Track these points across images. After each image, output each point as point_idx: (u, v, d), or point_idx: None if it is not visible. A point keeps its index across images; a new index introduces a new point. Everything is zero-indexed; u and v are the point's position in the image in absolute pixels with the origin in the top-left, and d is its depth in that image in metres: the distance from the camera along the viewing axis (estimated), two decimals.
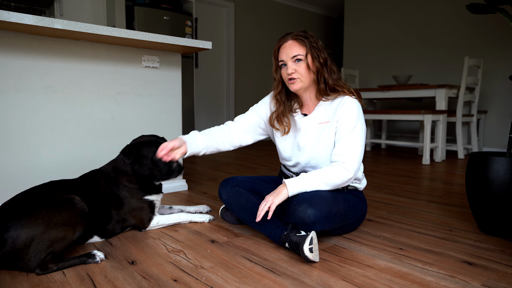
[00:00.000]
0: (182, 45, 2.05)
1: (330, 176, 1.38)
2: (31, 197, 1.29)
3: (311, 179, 1.38)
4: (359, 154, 1.40)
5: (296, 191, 1.37)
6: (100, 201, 1.48)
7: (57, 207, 1.25)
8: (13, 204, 1.25)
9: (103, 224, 1.48)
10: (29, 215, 1.19)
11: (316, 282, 1.14)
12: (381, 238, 1.53)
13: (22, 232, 1.16)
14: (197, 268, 1.24)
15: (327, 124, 1.46)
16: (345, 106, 1.42)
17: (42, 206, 1.24)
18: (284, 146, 1.59)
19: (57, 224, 1.21)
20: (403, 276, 1.18)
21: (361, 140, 1.42)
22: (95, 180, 1.53)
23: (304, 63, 1.42)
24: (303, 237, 1.27)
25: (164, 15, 4.24)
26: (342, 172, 1.38)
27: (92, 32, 1.72)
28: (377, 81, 5.49)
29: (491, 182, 1.50)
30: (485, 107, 4.49)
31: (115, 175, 1.56)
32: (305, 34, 1.44)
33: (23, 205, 1.24)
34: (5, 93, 1.72)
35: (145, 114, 2.19)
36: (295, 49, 1.41)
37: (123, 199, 1.53)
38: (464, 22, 4.62)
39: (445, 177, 2.92)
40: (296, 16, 6.58)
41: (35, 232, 1.17)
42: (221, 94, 5.75)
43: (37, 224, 1.18)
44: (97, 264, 1.27)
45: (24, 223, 1.18)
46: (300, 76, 1.42)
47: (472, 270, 1.22)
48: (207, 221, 1.72)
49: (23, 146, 1.79)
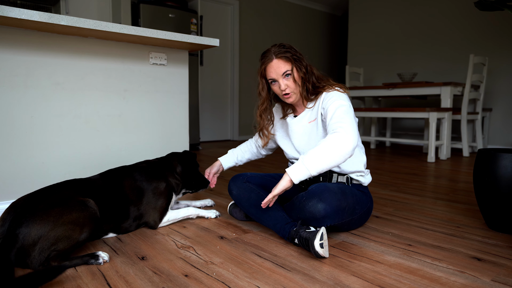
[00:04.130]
0: (189, 42, 2.06)
1: (330, 145, 1.28)
2: (46, 195, 1.30)
3: (309, 161, 1.28)
4: (352, 121, 1.34)
5: (299, 178, 1.29)
6: (119, 199, 1.49)
7: (69, 208, 1.25)
8: (29, 201, 1.26)
9: (119, 222, 1.50)
10: (42, 213, 1.20)
11: (326, 278, 1.14)
12: (389, 235, 1.53)
13: (33, 229, 1.17)
14: (207, 264, 1.25)
15: (314, 122, 1.52)
16: (325, 99, 1.47)
17: (56, 205, 1.24)
18: (286, 148, 1.67)
19: (65, 222, 1.21)
20: (412, 271, 1.18)
21: (349, 112, 1.38)
22: (118, 178, 1.55)
23: (291, 76, 1.47)
24: (313, 232, 1.28)
25: (169, 12, 4.24)
26: (341, 136, 1.29)
27: (101, 29, 1.73)
28: (382, 79, 5.48)
29: (499, 179, 1.50)
30: (489, 105, 4.48)
31: (157, 168, 1.64)
32: (286, 49, 1.47)
33: (38, 203, 1.24)
34: (14, 90, 1.73)
35: (152, 111, 2.20)
36: (282, 66, 1.46)
37: (146, 191, 1.56)
38: (468, 20, 4.60)
39: (450, 174, 2.91)
40: (300, 14, 6.57)
41: (44, 230, 1.18)
42: (226, 92, 5.76)
43: (48, 221, 1.19)
44: (108, 259, 1.28)
45: (36, 220, 1.19)
46: (293, 89, 1.48)
47: (482, 265, 1.23)
48: (214, 217, 1.74)
49: (32, 142, 1.80)
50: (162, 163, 1.71)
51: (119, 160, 2.06)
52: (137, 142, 2.16)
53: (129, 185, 1.54)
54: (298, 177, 1.29)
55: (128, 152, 2.12)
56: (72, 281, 1.13)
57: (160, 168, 1.67)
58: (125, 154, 2.11)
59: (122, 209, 1.50)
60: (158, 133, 2.24)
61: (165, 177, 1.64)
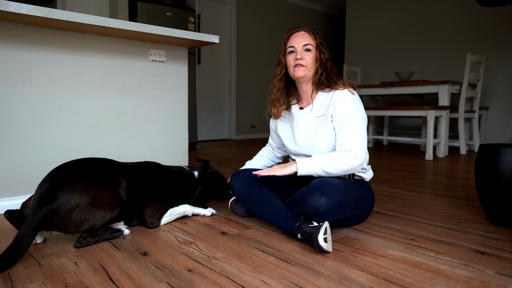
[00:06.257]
0: (189, 38, 2.05)
1: (339, 160, 1.40)
2: (87, 167, 1.38)
3: (321, 161, 1.40)
4: (363, 141, 1.42)
5: (305, 171, 1.40)
6: (143, 193, 1.53)
7: (106, 185, 1.35)
8: (71, 169, 1.34)
9: (134, 214, 1.53)
10: (83, 183, 1.30)
11: (331, 272, 1.14)
12: (391, 230, 1.53)
13: (73, 196, 1.26)
14: (211, 259, 1.24)
15: (323, 118, 1.51)
16: (338, 98, 1.47)
17: (95, 179, 1.34)
18: (286, 139, 1.66)
19: (102, 202, 1.31)
20: (417, 265, 1.18)
21: (362, 127, 1.44)
22: (149, 172, 1.59)
23: (312, 53, 1.50)
24: (316, 227, 1.27)
25: (167, 11, 4.22)
26: (351, 158, 1.40)
27: (101, 24, 1.71)
28: (379, 78, 5.50)
29: (501, 173, 1.51)
30: (486, 103, 4.50)
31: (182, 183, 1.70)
32: (315, 31, 1.55)
33: (80, 173, 1.33)
34: (12, 86, 1.71)
35: (151, 108, 2.19)
36: (307, 38, 1.51)
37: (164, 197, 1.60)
38: (466, 19, 4.63)
39: (449, 171, 2.92)
40: (298, 13, 6.58)
41: (83, 200, 1.27)
42: (223, 90, 5.75)
43: (88, 194, 1.29)
44: (109, 255, 1.27)
45: (77, 189, 1.28)
46: (307, 64, 1.50)
47: (485, 259, 1.23)
48: (209, 215, 1.72)
49: (31, 139, 1.78)
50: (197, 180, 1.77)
51: (118, 157, 2.05)
52: (136, 139, 2.14)
53: (157, 183, 1.59)
54: (305, 170, 1.39)
55: (127, 149, 2.10)
56: (75, 276, 1.11)
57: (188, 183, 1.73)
58: (124, 151, 2.09)
59: (142, 203, 1.53)
60: (157, 130, 2.23)
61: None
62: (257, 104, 6.11)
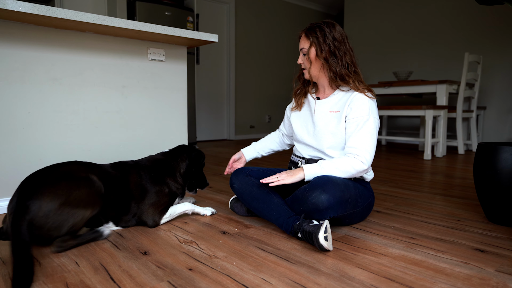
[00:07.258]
0: (188, 37, 2.05)
1: (345, 164, 1.42)
2: (52, 171, 1.34)
3: (327, 165, 1.41)
4: (372, 147, 1.44)
5: (312, 176, 1.41)
6: (124, 191, 1.50)
7: (76, 182, 1.30)
8: (36, 177, 1.30)
9: (120, 214, 1.50)
10: (51, 186, 1.25)
11: (332, 270, 1.14)
12: (391, 228, 1.53)
13: (43, 201, 1.21)
14: (211, 258, 1.24)
15: (337, 114, 1.51)
16: (356, 100, 1.46)
17: (63, 179, 1.30)
18: (297, 125, 1.65)
19: (76, 200, 1.26)
20: (417, 263, 1.18)
21: (374, 134, 1.45)
22: (125, 171, 1.56)
23: (307, 56, 1.53)
24: (316, 226, 1.27)
25: (165, 10, 4.22)
26: (357, 163, 1.42)
27: (100, 23, 1.71)
28: (378, 78, 5.51)
29: (500, 172, 1.51)
30: (484, 103, 4.52)
31: (159, 171, 1.62)
32: (313, 27, 1.51)
33: (45, 178, 1.29)
34: (11, 85, 1.71)
35: (150, 107, 2.18)
36: (302, 42, 1.55)
37: (149, 192, 1.56)
38: (463, 18, 4.65)
39: (447, 171, 2.93)
40: (296, 13, 6.58)
41: (54, 204, 1.22)
42: (222, 90, 5.74)
43: (58, 195, 1.24)
44: (110, 254, 1.27)
45: (45, 193, 1.23)
46: (305, 67, 1.56)
47: (485, 257, 1.23)
48: (209, 214, 1.71)
49: (29, 138, 1.77)
50: (168, 161, 1.69)
51: (117, 156, 2.04)
52: (136, 138, 2.14)
53: (134, 180, 1.55)
54: (312, 176, 1.41)
55: (127, 148, 2.10)
56: (75, 276, 1.11)
57: (164, 168, 1.66)
58: (124, 150, 2.09)
59: (124, 201, 1.50)
60: (157, 129, 2.22)
61: (165, 182, 1.63)
62: (255, 104, 6.11)
